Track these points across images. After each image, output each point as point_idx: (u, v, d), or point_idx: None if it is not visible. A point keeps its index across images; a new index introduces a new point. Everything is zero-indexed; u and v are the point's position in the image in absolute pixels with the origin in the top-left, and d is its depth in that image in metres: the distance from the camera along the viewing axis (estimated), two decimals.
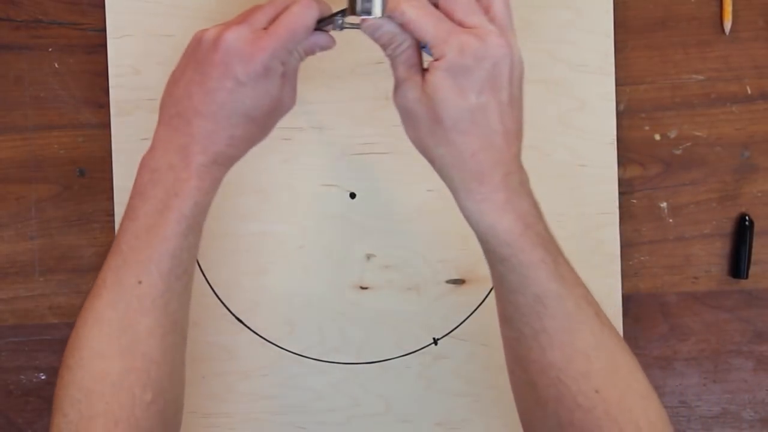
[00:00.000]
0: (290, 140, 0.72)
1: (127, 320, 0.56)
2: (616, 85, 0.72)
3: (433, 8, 0.55)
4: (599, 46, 0.72)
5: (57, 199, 0.73)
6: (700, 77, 0.73)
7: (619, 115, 0.73)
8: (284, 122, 0.71)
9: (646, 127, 0.73)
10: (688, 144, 0.73)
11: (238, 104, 0.57)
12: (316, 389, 0.72)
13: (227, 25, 0.57)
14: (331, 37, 0.60)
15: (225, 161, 0.58)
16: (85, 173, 0.73)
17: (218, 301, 0.72)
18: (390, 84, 0.71)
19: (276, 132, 0.71)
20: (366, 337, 0.72)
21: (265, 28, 0.57)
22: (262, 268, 0.72)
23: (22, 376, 0.73)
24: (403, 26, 0.55)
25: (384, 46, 0.57)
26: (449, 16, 0.55)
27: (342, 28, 0.58)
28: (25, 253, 0.73)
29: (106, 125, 0.71)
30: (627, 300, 0.72)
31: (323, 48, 0.60)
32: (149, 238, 0.57)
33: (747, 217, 0.73)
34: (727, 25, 0.73)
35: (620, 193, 0.72)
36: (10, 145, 0.73)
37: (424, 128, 0.56)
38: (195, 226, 0.58)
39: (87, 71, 0.73)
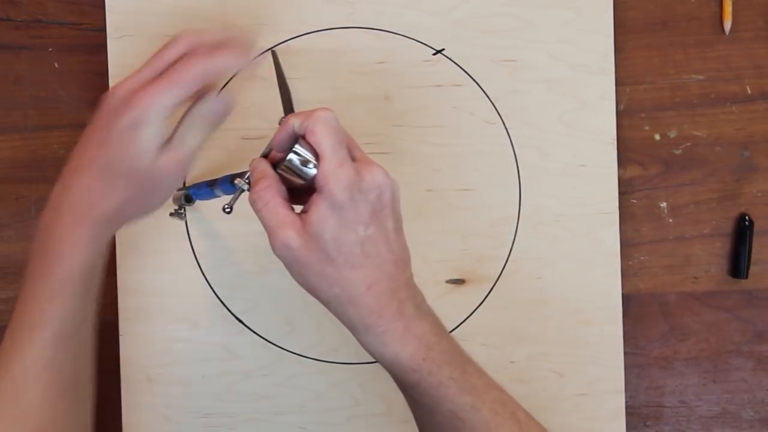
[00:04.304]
0: None
1: (18, 389, 0.55)
2: (616, 85, 0.72)
3: (340, 133, 0.54)
4: (599, 46, 0.72)
5: None
6: (700, 77, 0.73)
7: (619, 115, 0.73)
8: None
9: (646, 127, 0.73)
10: (688, 144, 0.73)
11: (111, 155, 0.55)
12: (316, 389, 0.72)
13: (121, 80, 0.57)
14: (228, 103, 0.58)
15: (98, 219, 0.56)
16: None
17: (218, 301, 0.72)
18: (390, 84, 0.72)
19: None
20: None
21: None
22: (262, 268, 0.72)
23: None
24: (308, 135, 0.54)
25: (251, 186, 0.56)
26: None
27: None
28: (25, 253, 0.72)
29: None
30: (627, 300, 0.72)
31: (219, 114, 0.58)
32: (33, 303, 0.56)
33: (747, 217, 0.73)
34: (727, 25, 0.73)
35: (620, 193, 0.72)
36: (10, 145, 0.73)
37: (313, 272, 0.54)
38: (77, 292, 0.57)
39: (87, 71, 0.73)
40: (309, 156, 0.54)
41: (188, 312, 0.72)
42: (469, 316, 0.72)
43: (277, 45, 0.71)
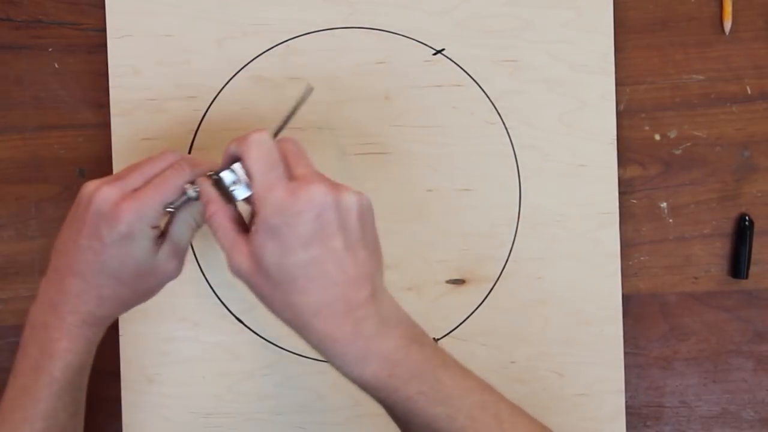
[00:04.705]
0: None
1: None
2: (616, 85, 0.72)
3: (270, 155, 0.54)
4: (599, 46, 0.72)
5: (57, 199, 0.73)
6: (700, 77, 0.73)
7: (619, 115, 0.73)
8: None
9: (646, 127, 0.73)
10: (688, 144, 0.73)
11: (105, 265, 0.56)
12: (316, 389, 0.72)
13: (105, 181, 0.57)
14: (230, 199, 0.58)
15: (96, 321, 0.58)
16: (85, 173, 0.73)
17: (218, 301, 0.72)
18: (390, 83, 0.72)
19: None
20: None
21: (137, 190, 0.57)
22: None
23: None
24: (242, 159, 0.54)
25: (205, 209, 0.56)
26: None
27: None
28: (25, 253, 0.73)
29: (106, 125, 0.71)
30: (627, 300, 0.72)
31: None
32: (23, 398, 0.57)
33: (747, 217, 0.73)
34: (727, 25, 0.73)
35: (620, 193, 0.72)
36: (10, 145, 0.73)
37: (264, 296, 0.54)
38: (68, 387, 0.58)
39: (87, 71, 0.73)
40: (243, 177, 0.55)
41: (188, 312, 0.72)
42: (469, 316, 0.72)
43: (277, 45, 0.72)
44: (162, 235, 0.59)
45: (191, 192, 0.57)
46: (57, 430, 0.58)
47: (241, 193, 0.56)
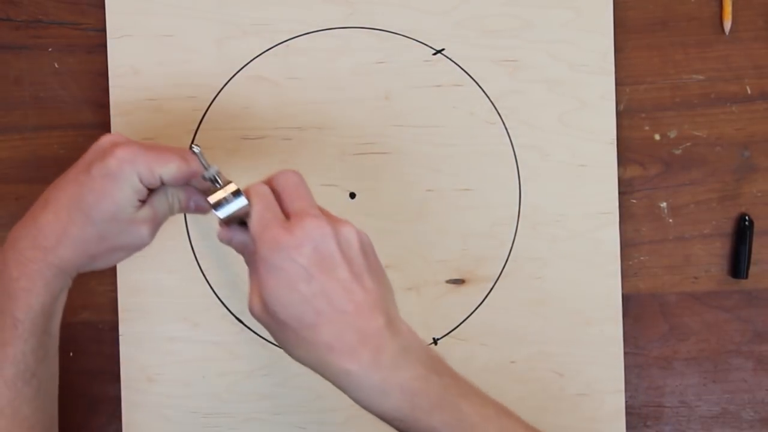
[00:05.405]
0: (290, 140, 0.72)
1: None
2: (616, 85, 0.72)
3: (266, 196, 0.55)
4: (599, 46, 0.72)
5: None
6: (700, 77, 0.73)
7: (619, 115, 0.73)
8: (284, 122, 0.71)
9: (646, 127, 0.73)
10: (688, 144, 0.73)
11: (82, 198, 0.55)
12: (316, 389, 0.72)
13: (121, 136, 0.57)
14: (208, 203, 0.58)
15: (54, 262, 0.56)
16: None
17: (218, 301, 0.72)
18: (390, 84, 0.72)
19: (276, 132, 0.71)
20: None
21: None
22: None
23: None
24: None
25: (242, 254, 0.57)
26: (279, 203, 0.55)
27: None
28: None
29: (106, 125, 0.71)
30: (627, 300, 0.72)
31: (199, 207, 0.60)
32: None
33: (747, 217, 0.73)
34: (727, 25, 0.73)
35: (620, 193, 0.72)
36: (10, 145, 0.73)
37: (278, 335, 0.54)
38: (34, 329, 0.56)
39: (87, 71, 0.73)
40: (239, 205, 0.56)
41: (188, 312, 0.72)
42: (469, 316, 0.72)
43: (277, 45, 0.72)
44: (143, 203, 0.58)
45: (210, 173, 0.57)
46: (28, 375, 0.56)
47: (224, 211, 0.56)
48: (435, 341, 0.72)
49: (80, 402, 0.72)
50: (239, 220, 0.57)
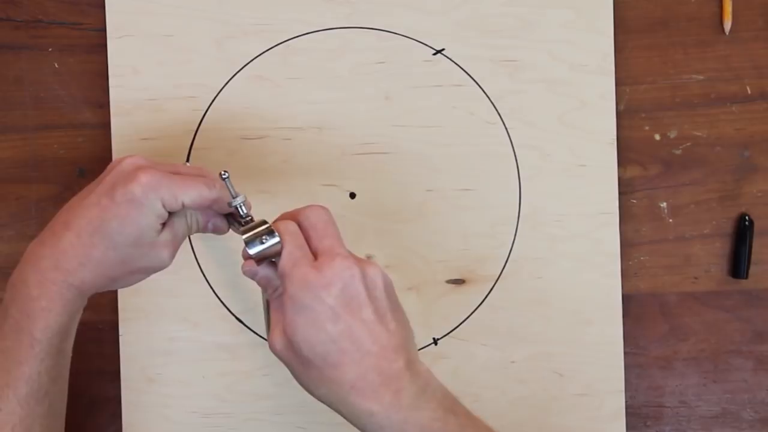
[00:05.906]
0: (290, 140, 0.72)
1: None
2: (616, 85, 0.72)
3: (297, 235, 0.55)
4: (599, 46, 0.72)
5: (57, 199, 0.73)
6: (700, 77, 0.73)
7: (619, 115, 0.73)
8: (284, 122, 0.71)
9: (646, 127, 0.73)
10: (688, 144, 0.73)
11: (105, 223, 0.55)
12: None
13: (140, 157, 0.58)
14: (227, 224, 0.60)
15: (75, 283, 0.56)
16: (85, 173, 0.73)
17: (218, 301, 0.72)
18: (390, 84, 0.72)
19: (276, 132, 0.71)
20: None
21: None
22: None
23: None
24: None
25: (264, 289, 0.57)
26: (307, 239, 0.55)
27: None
28: None
29: (106, 125, 0.71)
30: (627, 300, 0.72)
31: (217, 229, 0.60)
32: (5, 361, 0.56)
33: (747, 217, 0.73)
34: (727, 25, 0.73)
35: (620, 193, 0.72)
36: (10, 145, 0.73)
37: (299, 372, 0.54)
38: (50, 350, 0.56)
39: (87, 71, 0.73)
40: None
41: (188, 312, 0.72)
42: (469, 316, 0.72)
43: (277, 45, 0.72)
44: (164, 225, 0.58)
45: (236, 201, 0.58)
46: (41, 394, 0.56)
47: (256, 249, 0.56)
48: (435, 341, 0.72)
49: (80, 402, 0.72)
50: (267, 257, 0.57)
